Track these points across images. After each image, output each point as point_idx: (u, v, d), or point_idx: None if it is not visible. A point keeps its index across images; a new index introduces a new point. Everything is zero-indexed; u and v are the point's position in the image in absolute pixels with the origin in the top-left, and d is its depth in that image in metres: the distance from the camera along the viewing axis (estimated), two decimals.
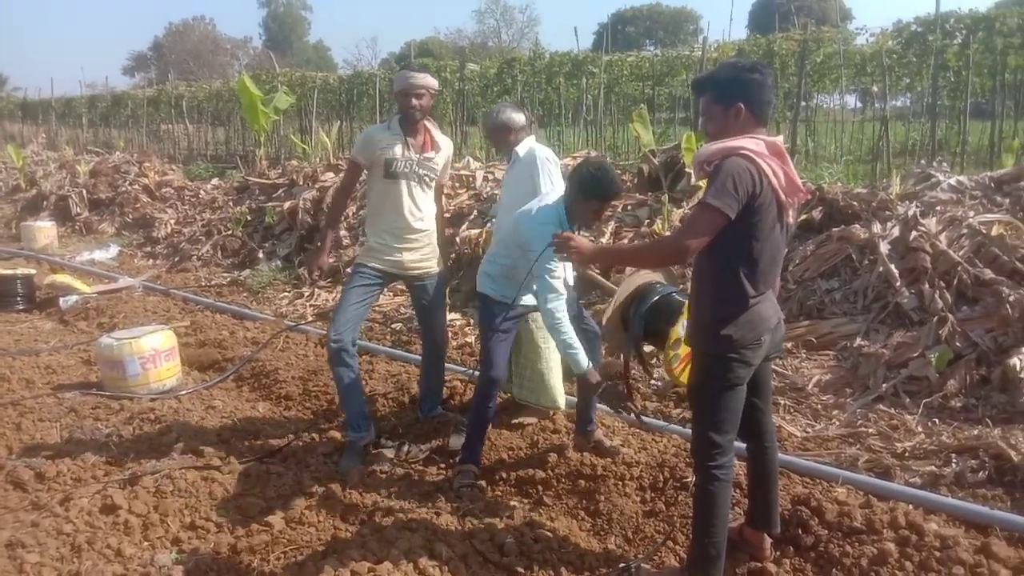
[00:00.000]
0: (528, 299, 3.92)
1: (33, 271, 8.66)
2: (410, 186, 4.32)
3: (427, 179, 4.38)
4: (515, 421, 4.69)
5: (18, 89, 41.25)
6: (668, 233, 7.14)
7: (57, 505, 3.68)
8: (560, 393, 4.68)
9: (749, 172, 2.64)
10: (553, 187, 4.22)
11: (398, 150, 4.27)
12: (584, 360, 3.61)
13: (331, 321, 4.38)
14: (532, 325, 4.49)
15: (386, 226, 4.37)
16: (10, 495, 3.92)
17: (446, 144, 4.52)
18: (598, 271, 4.80)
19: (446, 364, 4.97)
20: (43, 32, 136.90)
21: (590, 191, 3.59)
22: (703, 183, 2.82)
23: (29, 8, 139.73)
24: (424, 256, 4.47)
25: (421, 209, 4.38)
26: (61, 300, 7.97)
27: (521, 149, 4.39)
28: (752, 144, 2.70)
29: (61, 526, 3.50)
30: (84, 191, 14.27)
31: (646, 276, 3.51)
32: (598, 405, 4.22)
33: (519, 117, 4.40)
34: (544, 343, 4.53)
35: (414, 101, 4.24)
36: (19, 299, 8.04)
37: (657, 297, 3.35)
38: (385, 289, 4.68)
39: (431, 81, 4.30)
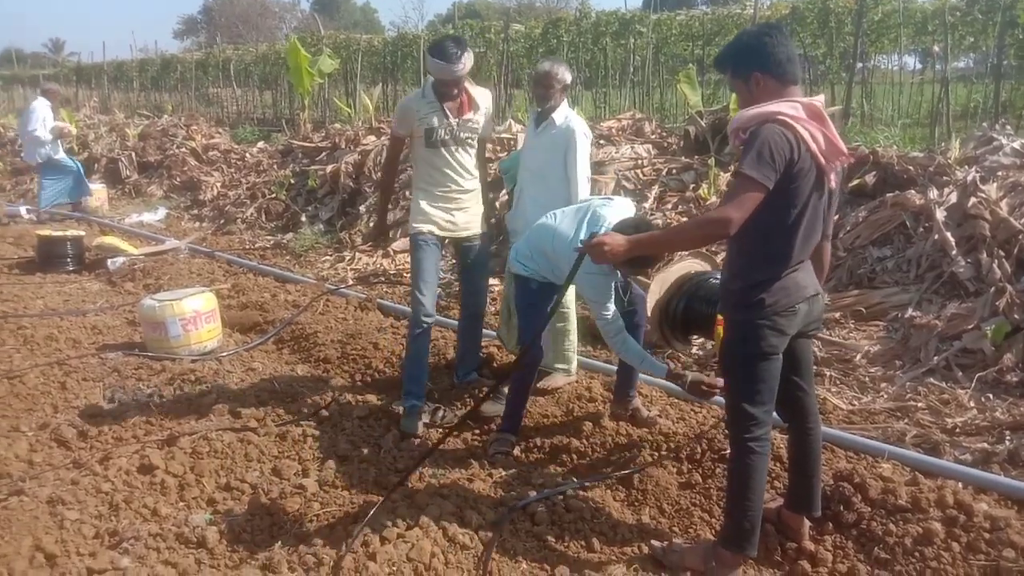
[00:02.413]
0: (550, 276, 3.85)
1: (83, 233, 8.83)
2: (452, 151, 4.25)
3: (470, 141, 4.30)
4: (540, 385, 4.62)
5: (73, 54, 42.00)
6: (715, 199, 6.96)
7: (97, 464, 3.75)
8: (573, 357, 4.65)
9: (786, 138, 2.52)
10: (585, 167, 4.29)
11: (436, 119, 4.17)
12: (660, 365, 3.65)
13: (416, 295, 4.29)
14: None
15: (435, 189, 4.31)
16: (54, 452, 4.02)
17: (484, 98, 4.38)
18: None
19: (483, 330, 4.92)
20: None
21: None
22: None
23: None
24: (474, 216, 4.43)
25: (468, 171, 4.34)
26: (109, 262, 8.11)
27: (558, 116, 4.31)
28: (789, 108, 2.57)
29: (100, 484, 3.56)
30: (133, 154, 14.50)
31: (682, 268, 3.41)
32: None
33: (570, 77, 4.38)
34: (562, 307, 4.46)
35: (455, 90, 4.17)
36: (69, 260, 8.20)
37: (693, 286, 3.26)
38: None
39: (471, 63, 4.11)
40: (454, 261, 5.29)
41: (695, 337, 3.49)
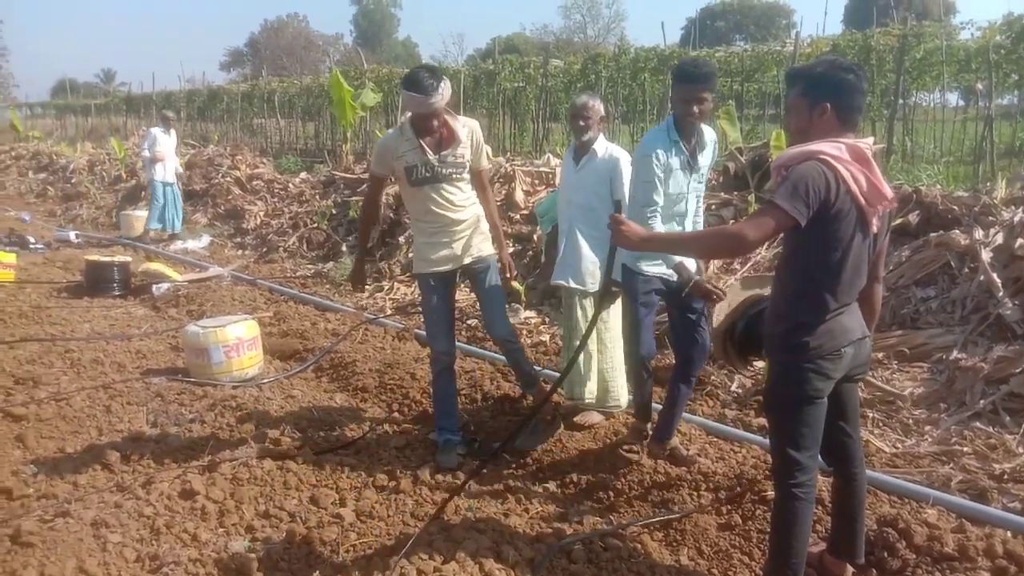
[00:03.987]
0: (658, 268, 3.90)
1: (129, 259, 9.05)
2: (437, 188, 4.10)
3: (454, 176, 4.13)
4: (577, 420, 4.61)
5: (124, 84, 43.31)
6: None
7: (139, 488, 3.81)
8: (623, 392, 4.62)
9: (825, 177, 2.52)
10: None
11: (415, 156, 4.02)
12: (672, 258, 3.72)
13: (428, 336, 4.37)
14: (600, 324, 4.44)
15: (426, 227, 4.23)
16: (98, 475, 4.08)
17: (467, 131, 4.15)
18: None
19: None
20: (148, 29, 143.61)
21: (677, 78, 3.72)
22: None
23: (136, 6, 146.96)
24: (474, 243, 4.28)
25: (457, 204, 4.18)
26: (154, 287, 8.30)
27: (599, 148, 4.34)
28: (832, 149, 2.57)
29: (142, 508, 3.62)
30: (180, 183, 14.81)
31: (755, 287, 3.40)
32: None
33: (603, 110, 4.41)
34: (610, 343, 4.45)
35: (434, 123, 3.95)
36: (115, 285, 8.40)
37: (761, 308, 3.25)
38: (457, 283, 4.58)
39: (448, 93, 3.91)
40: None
41: (754, 359, 3.45)
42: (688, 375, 4.07)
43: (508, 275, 4.58)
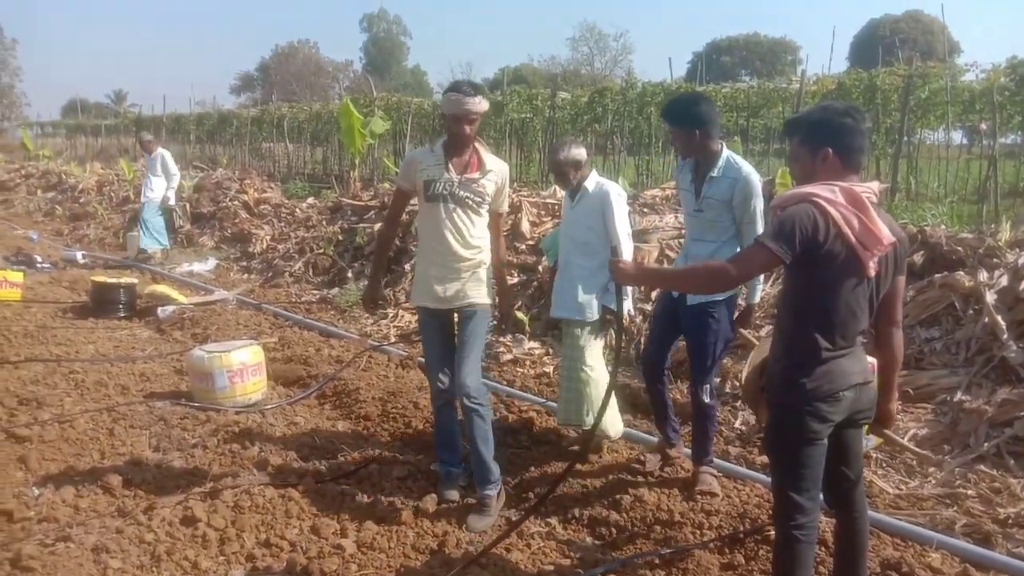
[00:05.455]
0: None
1: (135, 280, 9.07)
2: (450, 209, 4.01)
3: (471, 202, 4.03)
4: (571, 448, 4.61)
5: (134, 105, 43.65)
6: None
7: (141, 513, 3.80)
8: (613, 422, 4.64)
9: (814, 219, 2.56)
10: (624, 224, 4.41)
11: (438, 171, 4.02)
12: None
13: (428, 371, 4.36)
14: (586, 353, 4.48)
15: (430, 254, 4.13)
16: (100, 499, 4.07)
17: (498, 167, 4.15)
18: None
19: (523, 393, 4.87)
20: (159, 51, 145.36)
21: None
22: None
23: (149, 28, 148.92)
24: (471, 288, 4.10)
25: (465, 235, 4.05)
26: (159, 310, 8.31)
27: (591, 184, 4.49)
28: (826, 191, 2.61)
29: (143, 535, 3.61)
30: (187, 205, 14.91)
31: None
32: None
33: (584, 152, 4.52)
34: (593, 371, 4.48)
35: (467, 128, 3.95)
36: (121, 306, 8.42)
37: None
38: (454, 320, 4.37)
39: (485, 105, 4.00)
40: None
41: None
42: (692, 401, 4.24)
43: (503, 324, 4.66)
